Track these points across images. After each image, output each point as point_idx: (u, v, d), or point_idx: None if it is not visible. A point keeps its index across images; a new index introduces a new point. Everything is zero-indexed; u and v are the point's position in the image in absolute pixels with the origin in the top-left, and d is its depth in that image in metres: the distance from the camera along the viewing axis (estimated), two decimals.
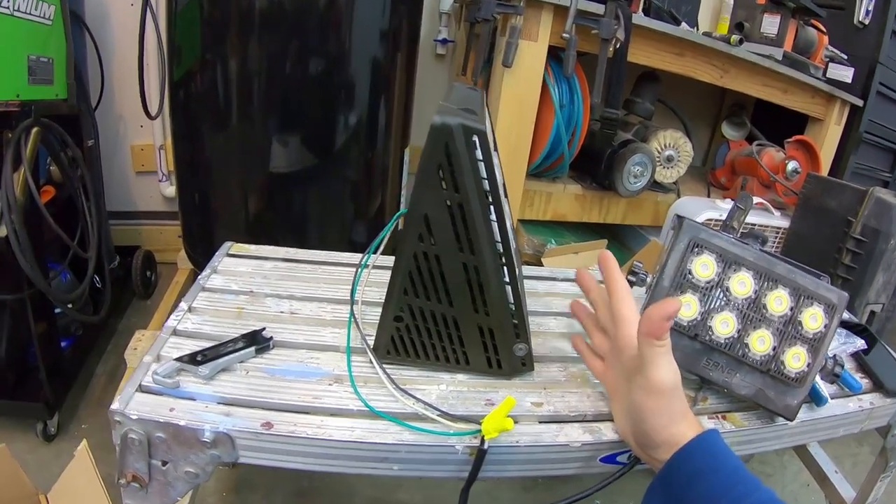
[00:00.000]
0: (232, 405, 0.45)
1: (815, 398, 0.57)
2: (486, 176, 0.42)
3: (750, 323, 0.51)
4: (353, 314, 0.56)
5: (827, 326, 0.51)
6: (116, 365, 1.16)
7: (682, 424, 0.43)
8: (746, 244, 0.52)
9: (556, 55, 1.11)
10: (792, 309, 0.51)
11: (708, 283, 0.51)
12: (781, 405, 0.52)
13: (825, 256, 1.14)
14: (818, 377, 0.55)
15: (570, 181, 1.30)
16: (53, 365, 0.96)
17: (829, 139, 1.43)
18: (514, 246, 0.48)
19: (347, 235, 1.10)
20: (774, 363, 0.51)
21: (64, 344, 1.06)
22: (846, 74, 1.37)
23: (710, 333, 0.51)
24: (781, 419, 0.53)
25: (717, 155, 1.62)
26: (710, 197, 1.39)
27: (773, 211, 1.24)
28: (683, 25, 1.24)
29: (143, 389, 0.46)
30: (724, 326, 0.51)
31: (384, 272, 0.49)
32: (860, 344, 0.68)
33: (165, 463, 0.44)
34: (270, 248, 0.72)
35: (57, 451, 0.95)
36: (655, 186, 1.31)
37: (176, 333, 0.54)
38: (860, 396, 0.61)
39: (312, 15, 0.91)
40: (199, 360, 0.48)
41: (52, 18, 0.93)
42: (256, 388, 0.47)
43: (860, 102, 1.42)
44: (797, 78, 1.30)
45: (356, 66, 0.98)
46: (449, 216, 0.44)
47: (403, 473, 0.45)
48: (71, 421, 1.02)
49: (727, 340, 0.51)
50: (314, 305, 0.60)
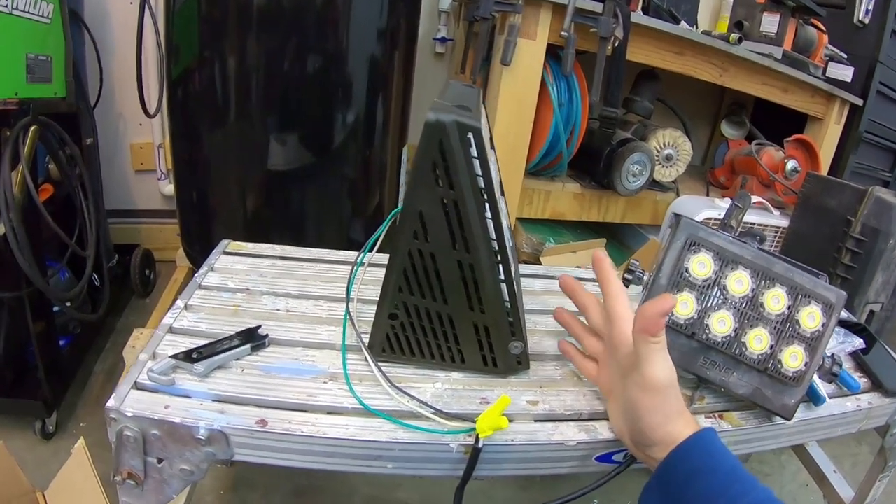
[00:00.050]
0: (227, 403, 0.45)
1: (812, 397, 0.57)
2: (480, 173, 0.42)
3: (747, 322, 0.51)
4: (348, 312, 0.56)
5: (825, 325, 0.51)
6: (115, 363, 1.16)
7: (678, 423, 0.42)
8: (744, 242, 0.52)
9: (554, 54, 1.10)
10: (789, 308, 0.50)
11: (705, 281, 0.51)
12: (779, 404, 0.51)
13: (824, 256, 1.14)
14: (816, 376, 0.55)
15: (568, 180, 1.30)
16: (52, 363, 0.96)
17: (828, 138, 1.43)
18: (509, 244, 0.48)
19: (346, 234, 1.10)
20: (772, 362, 0.51)
21: (62, 342, 1.06)
22: (846, 73, 1.37)
23: (707, 332, 0.51)
24: (779, 418, 0.52)
25: (716, 154, 1.61)
26: (709, 196, 1.39)
27: (772, 210, 1.23)
28: (683, 24, 1.23)
29: (138, 387, 0.46)
30: (721, 325, 0.51)
31: (380, 270, 0.48)
32: (859, 343, 0.67)
33: (161, 460, 0.44)
34: (267, 245, 0.71)
35: (55, 449, 0.95)
36: (654, 185, 1.31)
37: (172, 331, 0.54)
38: (858, 396, 0.61)
39: (310, 13, 0.91)
40: (194, 357, 0.48)
41: (50, 17, 0.93)
42: (251, 385, 0.47)
43: (860, 102, 1.42)
44: (797, 77, 1.30)
45: (354, 64, 0.97)
46: (444, 213, 0.43)
47: (398, 471, 0.45)
48: (69, 419, 1.02)
49: (724, 339, 0.51)
50: (310, 303, 0.60)
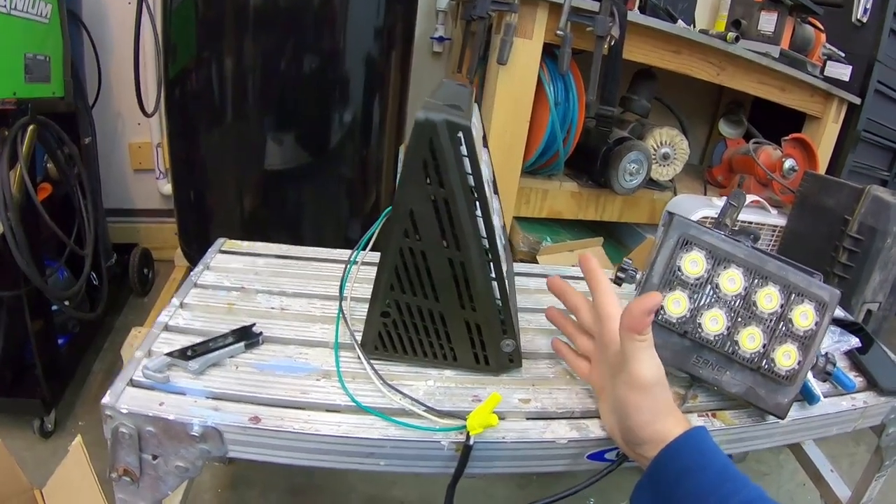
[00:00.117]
0: (221, 400, 0.46)
1: (807, 396, 0.57)
2: (471, 172, 0.42)
3: (740, 320, 0.51)
4: (341, 310, 0.56)
5: (818, 324, 0.51)
6: (113, 362, 1.16)
7: (667, 421, 0.42)
8: (737, 241, 0.52)
9: (551, 52, 1.10)
10: (782, 306, 0.50)
11: (697, 279, 0.51)
12: (772, 403, 0.51)
13: (822, 255, 1.13)
14: (810, 375, 0.55)
15: (565, 179, 1.30)
16: (50, 362, 0.97)
17: (826, 137, 1.42)
18: (501, 242, 0.48)
19: (342, 232, 1.11)
20: (765, 361, 0.50)
21: (61, 341, 1.06)
22: (844, 72, 1.37)
23: (699, 330, 0.51)
24: (772, 417, 0.52)
25: (714, 153, 1.61)
26: (706, 195, 1.39)
27: (769, 209, 1.23)
28: (680, 23, 1.23)
29: (134, 384, 0.46)
30: (713, 323, 0.51)
31: (374, 268, 0.49)
32: (854, 342, 0.67)
33: (156, 457, 0.44)
34: (263, 244, 0.72)
35: (54, 447, 0.95)
36: (651, 184, 1.31)
37: (167, 329, 0.54)
38: (854, 395, 0.61)
39: (307, 12, 0.91)
40: (189, 355, 0.48)
41: (49, 17, 0.93)
42: (245, 382, 0.48)
43: (858, 100, 1.42)
44: (794, 76, 1.30)
45: (351, 63, 0.98)
46: (434, 212, 0.44)
47: (390, 469, 0.45)
48: (68, 418, 1.02)
49: (717, 338, 0.51)
50: (304, 301, 0.60)
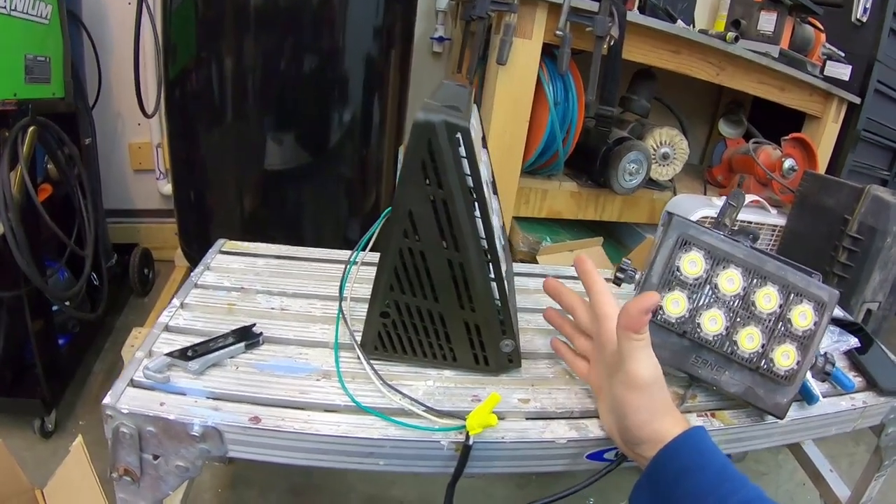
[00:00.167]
0: (221, 400, 0.46)
1: (806, 396, 0.57)
2: (469, 172, 0.42)
3: (739, 320, 0.51)
4: (341, 310, 0.56)
5: (817, 324, 0.51)
6: (114, 362, 1.17)
7: (665, 420, 0.42)
8: (736, 241, 0.52)
9: (550, 53, 1.10)
10: (781, 306, 0.51)
11: (696, 279, 0.51)
12: (771, 403, 0.51)
13: (822, 254, 1.13)
14: (809, 375, 0.55)
15: (565, 179, 1.30)
16: (50, 362, 0.97)
17: (826, 137, 1.42)
18: (501, 242, 0.48)
19: (342, 233, 1.11)
20: (763, 361, 0.51)
21: (61, 341, 1.07)
22: (844, 72, 1.37)
23: (698, 331, 0.51)
24: (771, 417, 0.52)
25: (713, 153, 1.61)
26: (706, 195, 1.39)
27: (769, 209, 1.23)
28: (679, 23, 1.23)
29: (134, 384, 0.46)
30: (712, 323, 0.51)
31: (373, 268, 0.49)
32: (853, 342, 0.67)
33: (157, 457, 0.44)
34: (263, 245, 0.72)
35: (54, 447, 0.96)
36: (651, 184, 1.31)
37: (168, 329, 0.54)
38: (853, 395, 0.61)
39: (307, 12, 0.91)
40: (189, 355, 0.48)
41: (49, 18, 0.93)
42: (245, 383, 0.48)
43: (858, 100, 1.42)
44: (794, 76, 1.30)
45: (350, 63, 0.98)
46: (433, 212, 0.44)
47: (389, 468, 0.45)
48: (68, 418, 1.02)
49: (716, 338, 0.51)
50: (304, 302, 0.60)
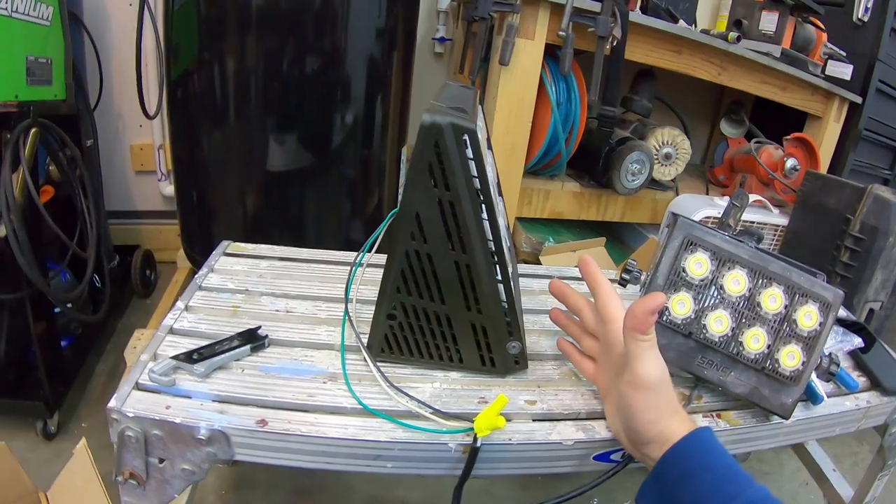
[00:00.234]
0: (227, 403, 0.46)
1: (810, 396, 0.57)
2: (476, 174, 0.42)
3: (744, 321, 0.51)
4: (347, 312, 0.56)
5: (822, 324, 0.51)
6: (116, 364, 1.17)
7: (671, 421, 0.42)
8: (741, 242, 0.52)
9: (552, 53, 1.11)
10: (786, 307, 0.51)
11: (702, 280, 0.51)
12: (776, 403, 0.51)
13: (824, 254, 1.14)
14: (814, 375, 0.55)
15: (568, 179, 1.30)
16: (53, 364, 0.97)
17: (828, 136, 1.43)
18: (507, 244, 0.48)
19: (345, 234, 1.11)
20: (769, 361, 0.51)
21: (64, 343, 1.07)
22: (845, 71, 1.37)
23: (704, 331, 0.51)
24: (777, 417, 0.52)
25: (715, 152, 1.62)
26: (708, 194, 1.39)
27: (771, 208, 1.23)
28: (681, 23, 1.23)
29: (139, 387, 0.46)
30: (718, 324, 0.51)
31: (379, 270, 0.49)
32: (857, 342, 0.67)
33: (162, 460, 0.44)
34: (267, 246, 0.72)
35: (57, 449, 0.96)
36: (654, 184, 1.31)
37: (173, 332, 0.54)
38: (857, 395, 0.61)
39: (308, 13, 0.91)
40: (195, 358, 0.48)
41: (50, 19, 0.93)
42: (251, 385, 0.48)
43: (859, 99, 1.42)
44: (796, 75, 1.30)
45: (352, 64, 0.98)
46: (440, 214, 0.44)
47: (397, 471, 0.45)
48: (71, 420, 1.02)
49: (721, 339, 0.51)
50: (309, 304, 0.60)
